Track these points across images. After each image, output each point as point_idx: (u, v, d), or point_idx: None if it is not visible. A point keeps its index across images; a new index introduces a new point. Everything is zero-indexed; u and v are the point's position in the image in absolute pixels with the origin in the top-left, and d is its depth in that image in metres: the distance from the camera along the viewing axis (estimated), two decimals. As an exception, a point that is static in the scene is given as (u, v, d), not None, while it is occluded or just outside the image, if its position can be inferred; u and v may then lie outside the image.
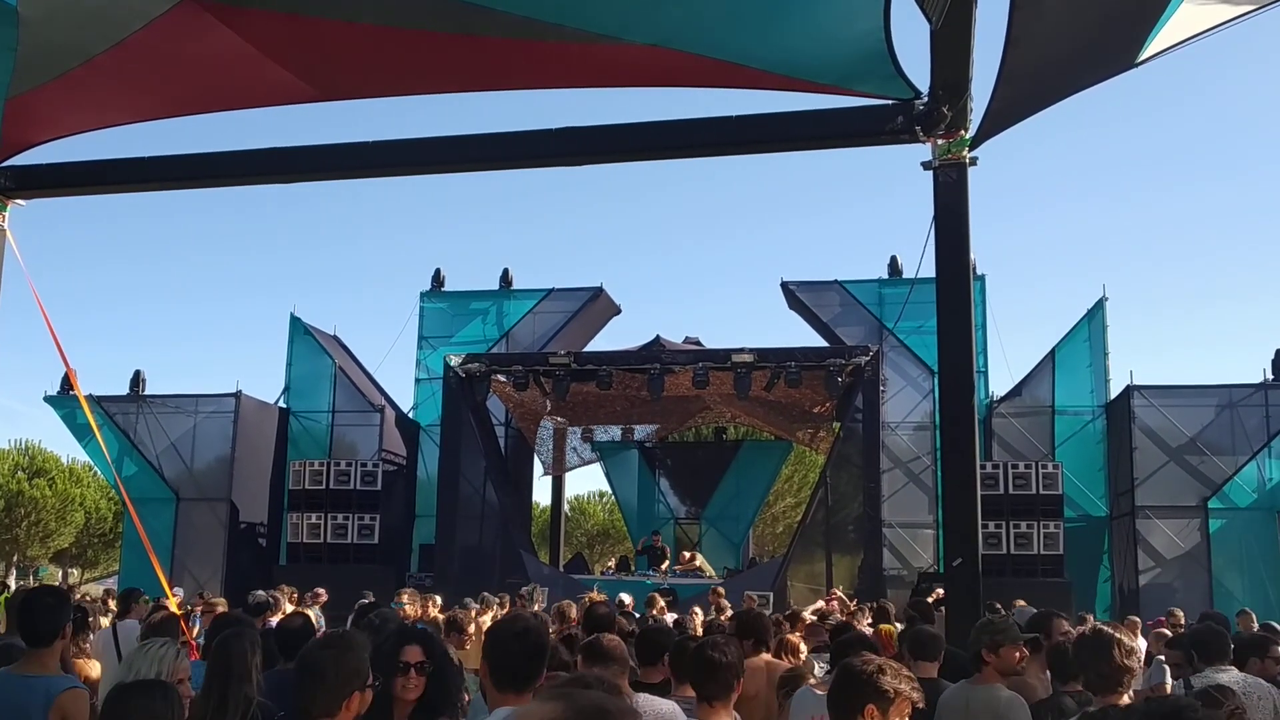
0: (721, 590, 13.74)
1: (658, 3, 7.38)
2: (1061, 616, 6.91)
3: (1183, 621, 11.88)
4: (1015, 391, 21.39)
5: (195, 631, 9.91)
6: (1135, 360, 75.49)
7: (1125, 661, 4.21)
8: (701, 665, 4.29)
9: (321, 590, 13.82)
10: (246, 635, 4.37)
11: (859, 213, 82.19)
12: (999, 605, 10.81)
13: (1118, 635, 4.27)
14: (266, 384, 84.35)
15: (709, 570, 20.74)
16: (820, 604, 13.42)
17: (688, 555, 21.40)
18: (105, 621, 10.27)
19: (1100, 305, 21.16)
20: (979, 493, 7.73)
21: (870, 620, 10.42)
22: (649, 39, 7.65)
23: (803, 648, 7.13)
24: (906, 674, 3.51)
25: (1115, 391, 20.51)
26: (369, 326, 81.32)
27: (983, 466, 15.79)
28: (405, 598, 10.62)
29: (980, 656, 5.16)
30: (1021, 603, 11.73)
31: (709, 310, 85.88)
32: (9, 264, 12.25)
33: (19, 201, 12.34)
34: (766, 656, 6.33)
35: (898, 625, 8.71)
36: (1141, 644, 8.79)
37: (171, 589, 14.44)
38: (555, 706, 1.78)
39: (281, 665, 5.47)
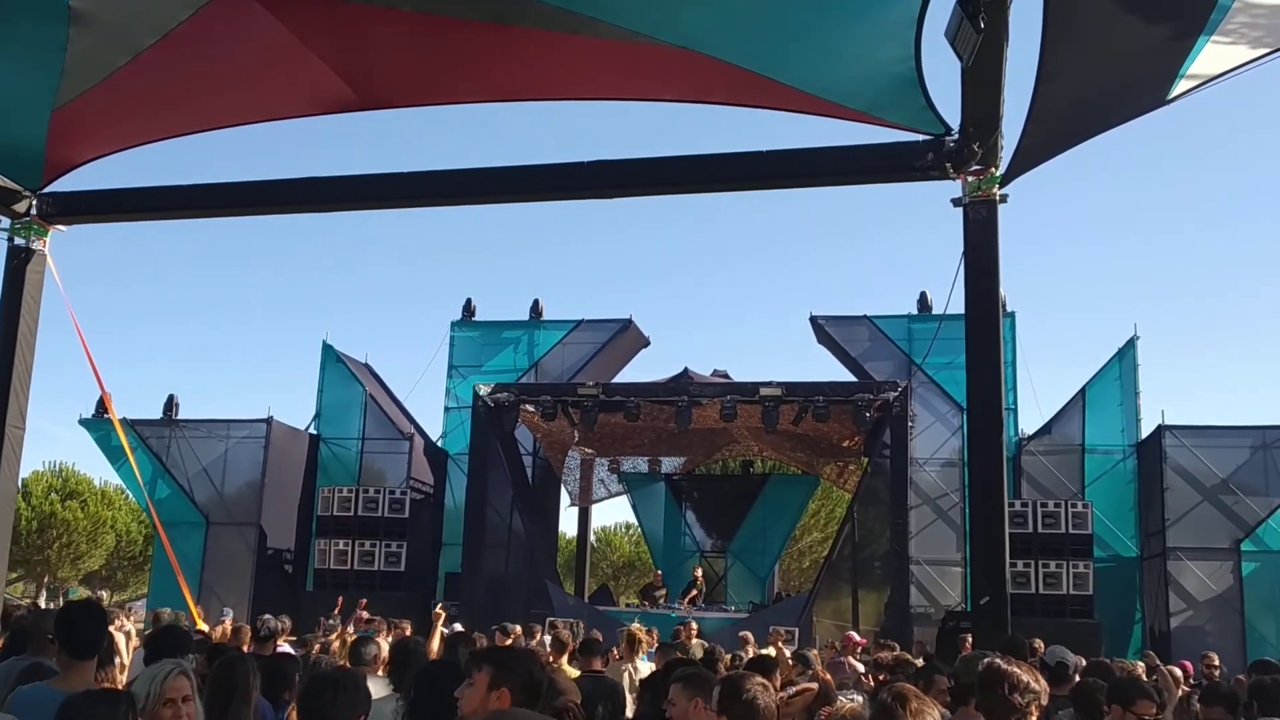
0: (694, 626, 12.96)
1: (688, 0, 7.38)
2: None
3: (1217, 664, 11.67)
4: (1045, 429, 21.23)
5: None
6: (1167, 399, 74.62)
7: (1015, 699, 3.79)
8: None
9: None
10: (248, 660, 4.47)
11: (888, 247, 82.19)
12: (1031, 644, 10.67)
13: (1011, 669, 3.87)
14: (298, 410, 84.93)
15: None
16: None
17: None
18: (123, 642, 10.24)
19: (1132, 344, 21.02)
20: (1007, 531, 7.69)
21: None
22: (680, 40, 7.67)
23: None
24: (929, 703, 3.47)
25: (1146, 431, 20.32)
26: (400, 355, 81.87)
27: (1011, 505, 15.65)
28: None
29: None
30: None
31: (737, 343, 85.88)
32: (47, 287, 12.49)
33: (60, 227, 12.58)
34: None
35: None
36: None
37: (199, 612, 14.57)
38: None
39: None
